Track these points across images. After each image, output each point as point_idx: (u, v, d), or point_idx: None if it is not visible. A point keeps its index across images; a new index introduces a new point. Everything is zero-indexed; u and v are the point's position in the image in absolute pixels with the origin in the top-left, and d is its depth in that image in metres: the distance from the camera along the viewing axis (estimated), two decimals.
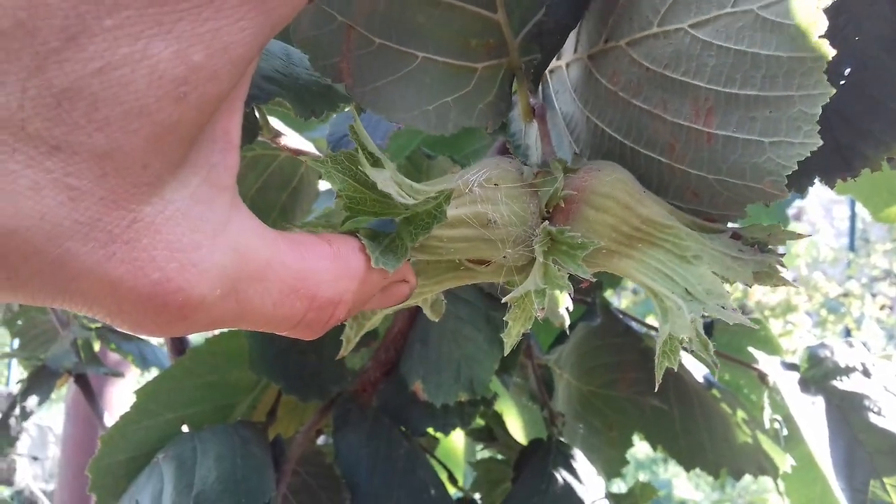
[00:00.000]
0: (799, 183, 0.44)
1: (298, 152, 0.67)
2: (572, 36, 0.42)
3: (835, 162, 0.43)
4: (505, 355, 0.73)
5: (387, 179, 0.31)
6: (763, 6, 0.29)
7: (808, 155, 0.31)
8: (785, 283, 0.33)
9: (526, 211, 0.34)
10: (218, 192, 0.26)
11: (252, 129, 0.56)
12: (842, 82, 0.44)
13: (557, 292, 0.33)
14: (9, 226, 0.21)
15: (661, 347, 0.33)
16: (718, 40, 0.31)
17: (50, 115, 0.21)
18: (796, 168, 0.31)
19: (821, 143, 0.30)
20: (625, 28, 0.36)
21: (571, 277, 0.33)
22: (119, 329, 0.25)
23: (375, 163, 0.32)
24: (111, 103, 0.21)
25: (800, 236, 0.34)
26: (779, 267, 0.33)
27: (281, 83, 0.43)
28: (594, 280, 0.34)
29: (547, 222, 0.34)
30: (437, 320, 0.41)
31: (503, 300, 0.34)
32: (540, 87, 0.45)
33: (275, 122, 0.65)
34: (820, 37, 0.28)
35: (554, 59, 0.44)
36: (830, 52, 0.29)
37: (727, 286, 0.33)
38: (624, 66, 0.36)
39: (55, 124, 0.21)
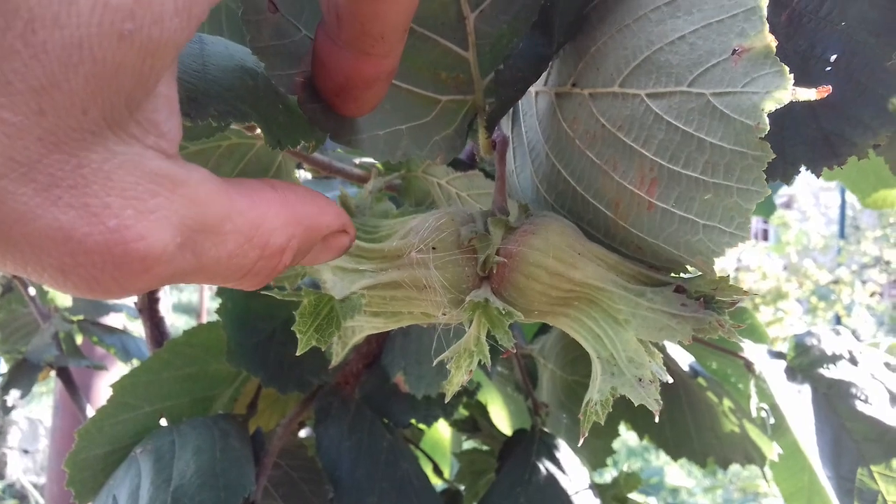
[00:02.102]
0: (784, 172, 0.44)
1: None
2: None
3: (821, 150, 0.43)
4: (447, 402, 0.73)
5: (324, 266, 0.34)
6: (715, 94, 0.29)
7: (745, 222, 0.31)
8: (733, 335, 0.32)
9: (460, 275, 0.35)
10: (170, 155, 0.24)
11: None
12: (828, 69, 0.43)
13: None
14: None
15: (584, 406, 0.34)
16: (669, 116, 0.31)
17: None
18: (724, 255, 0.31)
19: (749, 238, 0.31)
20: (591, 77, 0.35)
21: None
22: (71, 294, 0.23)
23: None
24: (50, 26, 0.19)
25: (745, 293, 0.33)
26: (721, 323, 0.32)
27: (256, 109, 0.42)
28: (514, 351, 0.35)
29: (479, 289, 0.35)
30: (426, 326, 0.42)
31: (436, 360, 0.35)
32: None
33: None
34: (762, 139, 0.28)
35: None
36: (770, 156, 0.28)
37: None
38: (584, 115, 0.36)
39: None
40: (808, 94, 0.27)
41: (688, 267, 0.34)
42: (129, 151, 0.23)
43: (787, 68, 0.27)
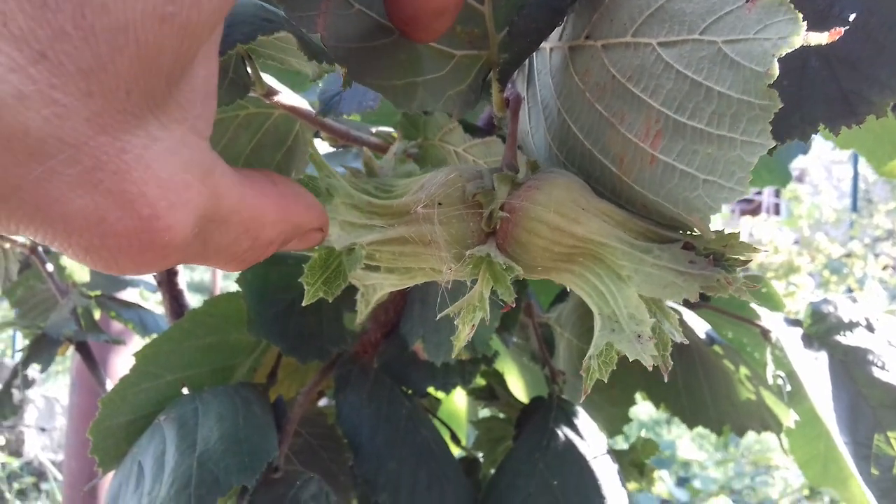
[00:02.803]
0: (802, 131, 0.44)
1: (293, 110, 0.66)
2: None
3: (839, 109, 0.43)
4: (458, 358, 0.73)
5: (332, 214, 0.35)
6: (727, 41, 0.29)
7: (739, 193, 0.30)
8: (744, 293, 0.32)
9: (465, 231, 0.35)
10: (203, 139, 0.26)
11: (244, 84, 0.55)
12: (846, 28, 0.43)
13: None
14: None
15: (584, 364, 0.34)
16: (679, 65, 0.31)
17: (35, 13, 0.20)
18: (720, 211, 0.31)
19: (748, 193, 0.30)
20: (605, 28, 0.35)
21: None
22: (82, 264, 0.25)
23: (327, 193, 0.35)
24: (99, 10, 0.20)
25: (756, 250, 0.33)
26: (729, 280, 0.32)
27: (282, 21, 0.43)
28: (514, 306, 0.36)
29: (484, 244, 0.35)
30: (447, 287, 0.42)
31: (441, 314, 0.36)
32: (527, 61, 0.45)
33: (268, 79, 0.63)
34: (769, 87, 0.28)
35: None
36: (777, 105, 0.28)
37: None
38: (596, 67, 0.36)
39: (40, 25, 0.20)
40: (820, 37, 0.27)
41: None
42: (168, 138, 0.24)
43: (800, 15, 0.27)
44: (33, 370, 1.22)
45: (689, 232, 0.34)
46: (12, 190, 0.21)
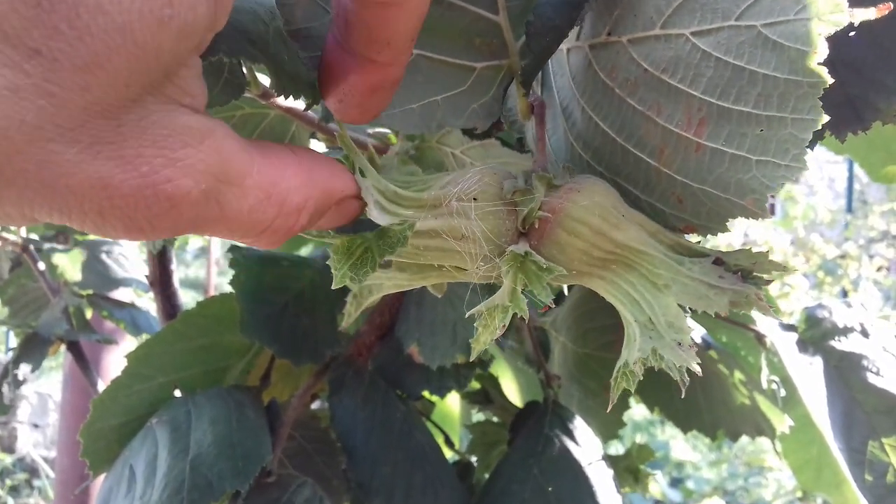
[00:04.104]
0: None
1: (289, 111, 0.66)
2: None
3: (845, 115, 0.42)
4: (471, 360, 0.72)
5: (367, 192, 0.34)
6: (767, 24, 0.29)
7: (793, 177, 0.30)
8: (766, 310, 0.32)
9: (500, 228, 0.34)
10: (199, 111, 0.27)
11: (239, 85, 0.55)
12: (852, 33, 0.43)
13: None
14: None
15: (618, 369, 0.34)
16: (718, 52, 0.31)
17: (28, 13, 0.21)
18: (779, 190, 0.31)
19: (807, 169, 0.30)
20: (628, 24, 0.35)
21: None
22: (110, 236, 0.26)
23: (361, 172, 0.34)
24: (93, 11, 0.21)
25: (785, 269, 0.33)
26: (759, 297, 0.32)
27: (265, 52, 0.42)
28: (553, 306, 0.35)
29: (517, 244, 0.34)
30: (440, 295, 0.42)
31: (468, 313, 0.35)
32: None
33: (264, 80, 0.63)
34: (819, 64, 0.28)
35: None
36: (828, 80, 0.28)
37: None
38: (623, 62, 0.35)
39: (33, 25, 0.21)
40: (867, 13, 0.27)
41: (727, 224, 0.34)
42: (163, 110, 0.25)
43: None
44: (24, 369, 1.21)
45: (720, 233, 0.35)
46: (17, 173, 0.22)
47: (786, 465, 1.05)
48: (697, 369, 0.31)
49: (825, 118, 0.29)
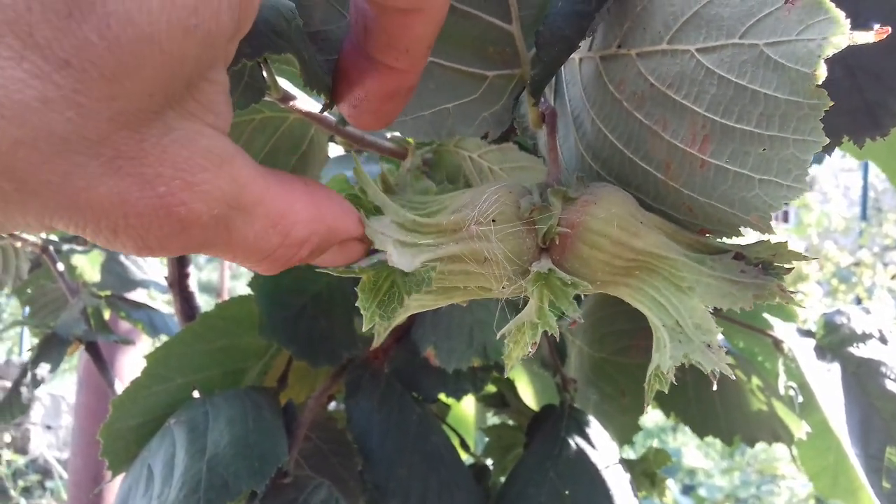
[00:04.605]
0: (827, 143, 0.43)
1: (308, 114, 0.66)
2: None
3: (864, 121, 0.42)
4: (506, 377, 0.72)
5: (384, 232, 0.34)
6: (769, 44, 0.29)
7: (806, 173, 0.30)
8: (790, 300, 0.32)
9: (521, 247, 0.34)
10: (221, 133, 0.27)
11: (259, 88, 0.55)
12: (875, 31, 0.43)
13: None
14: (17, 136, 0.21)
15: (650, 373, 0.34)
16: (721, 70, 0.31)
17: (60, 24, 0.21)
18: (781, 209, 0.31)
19: (809, 189, 0.30)
20: (637, 37, 0.35)
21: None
22: (118, 249, 0.27)
23: (377, 209, 0.35)
24: (123, 21, 0.21)
25: (805, 258, 0.33)
26: (782, 288, 0.32)
27: (291, 42, 0.43)
28: (582, 321, 0.35)
29: (539, 261, 0.34)
30: (464, 305, 0.42)
31: (500, 333, 0.35)
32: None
33: (284, 84, 0.63)
34: (818, 86, 0.28)
35: None
36: (827, 104, 0.28)
37: None
38: (631, 76, 0.36)
39: (64, 35, 0.21)
40: (866, 37, 0.27)
41: (741, 229, 0.34)
42: (186, 127, 0.25)
43: (842, 14, 0.27)
44: (42, 369, 1.22)
45: (735, 239, 0.35)
46: (41, 185, 0.23)
47: (801, 472, 1.04)
48: (729, 371, 0.31)
49: (825, 140, 0.28)
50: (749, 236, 0.34)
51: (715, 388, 0.32)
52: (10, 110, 0.21)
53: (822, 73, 0.27)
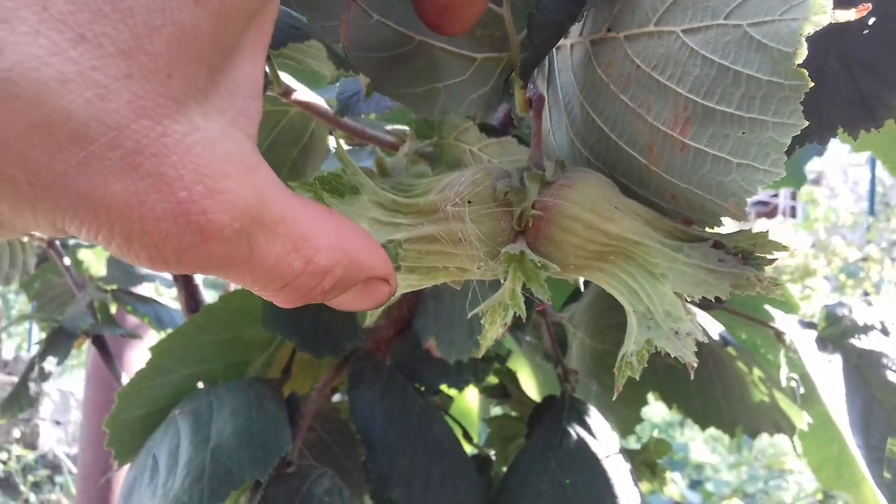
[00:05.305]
0: (821, 134, 0.44)
1: (309, 108, 0.67)
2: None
3: (859, 113, 0.43)
4: (480, 356, 0.73)
5: (361, 210, 0.35)
6: (753, 24, 0.29)
7: (778, 176, 0.30)
8: (772, 291, 0.32)
9: (496, 229, 0.35)
10: (246, 138, 0.25)
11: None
12: (866, 31, 0.43)
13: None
14: (33, 118, 0.20)
15: (619, 359, 0.34)
16: (705, 51, 0.31)
17: None
18: (758, 194, 0.31)
19: (784, 174, 0.30)
20: (627, 20, 0.35)
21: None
22: (131, 260, 0.24)
23: (354, 189, 0.35)
24: None
25: (785, 248, 0.33)
26: (759, 278, 0.32)
27: (311, 32, 0.44)
28: (549, 303, 0.35)
29: (514, 243, 0.35)
30: (458, 288, 0.42)
31: (472, 312, 0.36)
32: (546, 61, 0.45)
33: (285, 78, 0.64)
34: (799, 65, 0.28)
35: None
36: (809, 83, 0.28)
37: None
38: (619, 59, 0.36)
39: (78, 8, 0.20)
40: (847, 14, 0.27)
41: (722, 220, 0.34)
42: (211, 128, 0.24)
43: None
44: (49, 363, 1.23)
45: (715, 227, 0.35)
46: (55, 177, 0.21)
47: (805, 463, 1.04)
48: (692, 359, 0.31)
49: (804, 123, 0.29)
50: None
51: (692, 377, 0.33)
52: (26, 90, 0.20)
53: (802, 52, 0.28)
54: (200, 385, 0.79)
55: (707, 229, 0.35)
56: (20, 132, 0.20)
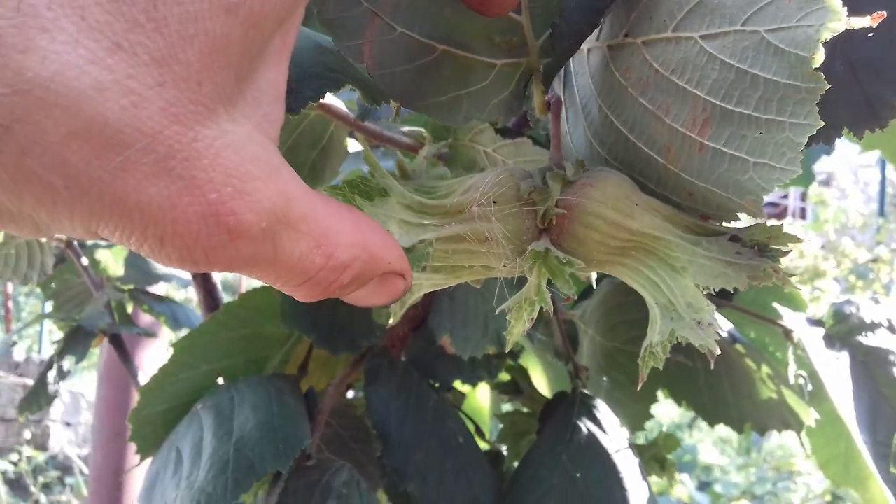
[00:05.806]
0: (827, 135, 0.45)
1: (328, 110, 0.68)
2: None
3: (863, 113, 0.44)
4: (507, 351, 0.75)
5: (390, 212, 0.36)
6: (770, 30, 0.30)
7: (793, 172, 0.32)
8: (788, 282, 0.33)
9: (520, 227, 0.36)
10: (270, 141, 0.26)
11: None
12: (870, 34, 0.45)
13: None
14: (72, 126, 0.21)
15: (643, 350, 0.35)
16: (724, 55, 0.32)
17: (110, 6, 0.21)
18: (773, 191, 0.32)
19: (801, 172, 0.31)
20: (644, 26, 0.37)
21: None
22: (161, 261, 0.25)
23: (382, 192, 0.36)
24: (170, 2, 0.22)
25: (800, 240, 0.34)
26: (776, 269, 0.33)
27: (346, 73, 0.45)
28: (576, 298, 0.36)
29: (538, 241, 0.36)
30: (478, 287, 0.43)
31: (499, 309, 0.37)
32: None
33: None
34: (816, 70, 0.29)
35: None
36: (825, 86, 0.29)
37: None
38: (637, 63, 0.37)
39: (115, 17, 0.21)
40: (862, 21, 0.28)
41: (739, 215, 0.35)
42: (238, 132, 0.25)
43: (838, 1, 0.29)
44: (67, 362, 1.25)
45: (732, 223, 0.36)
46: (92, 182, 0.22)
47: (813, 461, 1.05)
48: (715, 347, 0.33)
49: (820, 123, 0.30)
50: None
51: (712, 366, 0.34)
52: (66, 99, 0.20)
53: (819, 56, 0.29)
54: (221, 381, 0.80)
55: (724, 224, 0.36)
56: (59, 139, 0.21)
